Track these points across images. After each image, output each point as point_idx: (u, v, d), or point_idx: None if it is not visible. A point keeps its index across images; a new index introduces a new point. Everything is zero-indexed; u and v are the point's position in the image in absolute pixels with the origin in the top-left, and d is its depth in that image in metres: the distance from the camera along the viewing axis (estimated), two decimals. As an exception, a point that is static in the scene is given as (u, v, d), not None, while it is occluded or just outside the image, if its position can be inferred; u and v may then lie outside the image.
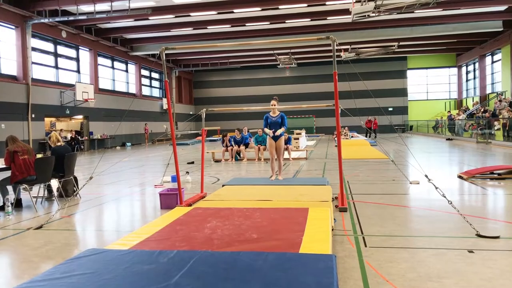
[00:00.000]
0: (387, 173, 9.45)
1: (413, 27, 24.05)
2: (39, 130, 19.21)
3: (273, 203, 5.57)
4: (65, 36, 21.06)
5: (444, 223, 4.76)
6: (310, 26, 23.56)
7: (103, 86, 25.14)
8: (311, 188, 6.85)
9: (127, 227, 5.15)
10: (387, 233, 4.41)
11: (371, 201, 6.17)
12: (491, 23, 23.30)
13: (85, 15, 18.37)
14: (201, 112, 7.19)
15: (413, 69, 36.95)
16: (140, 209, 6.48)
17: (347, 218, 5.17)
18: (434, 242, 4.05)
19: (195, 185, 8.31)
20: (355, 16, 17.03)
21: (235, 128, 14.72)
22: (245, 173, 10.62)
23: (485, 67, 30.27)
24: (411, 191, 7.10)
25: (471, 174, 8.07)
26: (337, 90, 5.50)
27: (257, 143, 13.71)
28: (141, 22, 22.38)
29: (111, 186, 8.72)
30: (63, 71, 21.67)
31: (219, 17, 21.49)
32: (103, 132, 24.12)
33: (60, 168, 6.94)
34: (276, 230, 3.90)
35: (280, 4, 19.18)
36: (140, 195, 7.67)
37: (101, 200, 7.12)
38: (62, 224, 5.32)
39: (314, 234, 3.68)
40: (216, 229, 3.96)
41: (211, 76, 39.61)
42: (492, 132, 19.21)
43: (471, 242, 4.00)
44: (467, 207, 5.65)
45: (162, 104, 32.41)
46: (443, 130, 27.64)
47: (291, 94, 37.75)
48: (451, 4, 19.53)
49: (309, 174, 9.83)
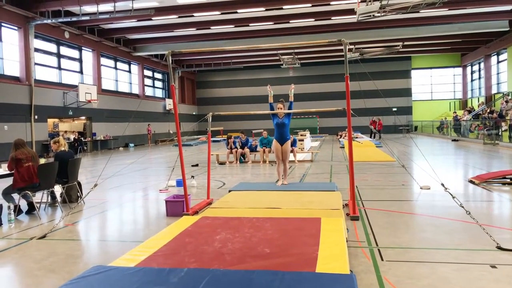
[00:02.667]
0: (395, 177, 9.28)
1: (418, 27, 23.83)
2: (42, 132, 19.10)
3: (282, 212, 5.42)
4: (68, 36, 20.94)
5: (462, 233, 4.59)
6: (314, 26, 23.37)
7: (106, 87, 25.02)
8: (320, 194, 6.69)
9: (133, 236, 5.00)
10: (403, 245, 4.24)
11: (383, 208, 6.00)
12: (497, 22, 23.06)
13: (88, 16, 18.24)
14: (207, 116, 7.03)
15: (417, 69, 36.70)
16: (145, 216, 6.32)
17: (360, 227, 5.00)
18: (453, 256, 3.87)
19: (200, 190, 8.16)
20: (360, 16, 16.83)
21: (238, 128, 14.57)
22: (250, 176, 10.46)
23: (490, 67, 29.99)
24: (422, 197, 6.92)
25: (483, 179, 7.89)
26: (349, 94, 5.33)
27: (262, 145, 13.55)
28: (144, 23, 22.24)
29: (115, 190, 8.58)
30: (66, 72, 21.56)
31: (222, 17, 21.33)
32: (106, 133, 24.01)
33: (63, 173, 6.79)
34: (289, 243, 3.74)
35: (284, 4, 19.00)
36: (144, 200, 7.52)
37: (105, 206, 6.97)
38: (66, 233, 5.17)
39: (330, 249, 3.52)
40: (226, 242, 3.80)
41: (214, 76, 39.46)
42: (499, 133, 18.97)
43: (492, 256, 3.83)
44: (483, 215, 5.47)
45: (165, 105, 32.28)
46: (448, 130, 27.40)
47: (295, 94, 37.38)
48: (457, 3, 19.30)
49: (316, 178, 9.66)
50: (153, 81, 32.11)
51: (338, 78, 35.11)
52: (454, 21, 22.91)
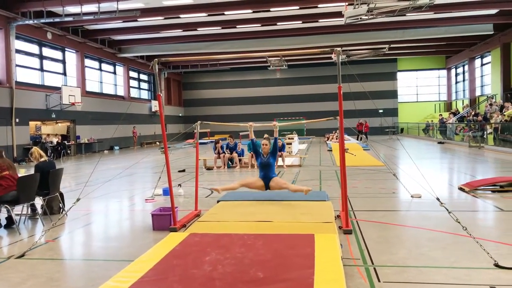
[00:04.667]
0: (385, 184, 9.20)
1: (405, 30, 23.97)
2: (24, 135, 18.59)
3: (274, 226, 5.24)
4: (50, 37, 20.43)
5: (458, 249, 4.48)
6: (302, 28, 23.30)
7: (90, 89, 24.52)
8: (311, 204, 6.52)
9: (118, 254, 4.76)
10: (399, 263, 4.12)
11: (375, 220, 5.89)
12: (482, 26, 23.33)
13: (71, 17, 17.80)
14: (195, 124, 6.82)
15: (403, 71, 36.99)
16: (131, 230, 6.06)
17: (353, 242, 4.87)
18: (451, 275, 3.75)
19: (188, 199, 7.95)
20: (348, 19, 16.84)
21: (225, 130, 14.38)
22: (239, 183, 10.25)
23: (474, 70, 30.38)
24: (414, 207, 6.83)
25: (473, 186, 7.85)
26: (342, 105, 5.19)
27: (250, 150, 13.36)
28: (130, 24, 21.86)
29: (99, 200, 8.29)
30: (49, 73, 21.04)
31: (209, 19, 21.11)
32: (90, 136, 23.52)
33: (44, 185, 6.49)
34: (283, 265, 3.57)
35: (271, 6, 18.86)
36: (130, 212, 7.27)
37: (89, 219, 6.70)
38: (47, 251, 4.90)
39: (326, 272, 3.36)
40: (217, 265, 3.61)
41: (201, 78, 39.13)
42: (484, 136, 19.16)
43: (491, 275, 3.72)
44: (477, 227, 5.39)
45: (151, 106, 31.84)
46: (434, 132, 27.64)
47: (282, 96, 37.52)
48: (443, 7, 19.45)
49: (306, 185, 9.48)
50: (138, 82, 31.64)
51: (326, 80, 35.17)
52: (440, 25, 23.13)
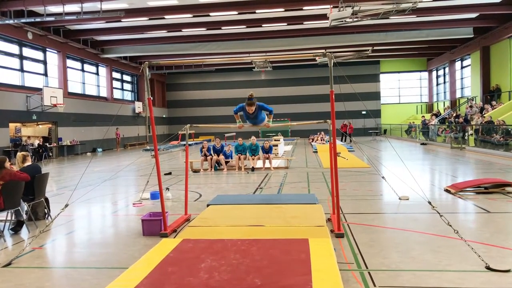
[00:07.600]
0: (373, 186, 9.29)
1: (388, 33, 24.28)
2: (4, 137, 18.11)
3: (266, 230, 5.23)
4: (31, 37, 19.96)
5: (449, 252, 4.53)
6: (287, 30, 23.37)
7: (73, 90, 24.05)
8: (301, 208, 6.55)
9: (109, 262, 4.65)
10: (393, 267, 4.15)
11: (365, 223, 5.93)
12: (462, 29, 23.82)
13: (53, 17, 17.42)
14: (184, 128, 6.76)
15: (386, 73, 37.47)
16: (120, 236, 5.92)
17: (346, 245, 4.88)
18: (445, 279, 3.80)
19: (176, 203, 7.86)
20: (333, 22, 16.99)
21: (210, 131, 14.30)
22: (227, 186, 10.21)
23: (455, 72, 30.98)
24: (403, 209, 6.90)
25: (458, 188, 7.99)
26: (334, 109, 5.21)
27: (237, 152, 13.33)
28: (113, 24, 21.54)
29: (85, 205, 8.12)
30: (29, 74, 20.55)
31: (194, 20, 20.96)
32: (72, 138, 23.07)
33: (30, 190, 6.32)
34: (280, 271, 3.56)
35: (257, 8, 18.84)
36: (118, 216, 7.14)
37: (76, 224, 6.56)
38: (34, 260, 4.76)
39: (323, 277, 3.36)
40: (213, 272, 3.57)
41: (185, 79, 38.84)
42: (465, 137, 19.55)
43: (483, 278, 3.78)
44: (465, 229, 5.47)
45: (135, 108, 31.46)
46: (416, 134, 28.08)
47: (267, 97, 37.43)
48: (425, 11, 19.80)
49: (294, 187, 9.53)
50: (121, 83, 31.22)
51: (311, 82, 35.39)
52: (422, 28, 23.50)
